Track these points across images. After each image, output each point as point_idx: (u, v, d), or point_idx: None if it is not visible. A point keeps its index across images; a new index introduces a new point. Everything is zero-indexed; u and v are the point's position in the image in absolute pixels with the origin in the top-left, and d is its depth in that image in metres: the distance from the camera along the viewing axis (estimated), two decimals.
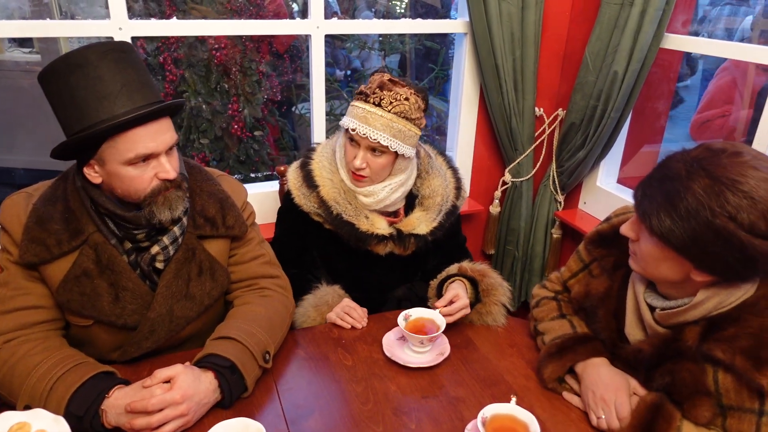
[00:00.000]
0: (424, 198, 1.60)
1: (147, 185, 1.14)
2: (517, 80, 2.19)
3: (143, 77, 1.14)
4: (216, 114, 3.12)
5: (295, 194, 1.55)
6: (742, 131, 2.32)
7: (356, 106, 1.47)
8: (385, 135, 1.43)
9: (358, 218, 1.51)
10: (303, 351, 1.37)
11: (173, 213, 1.17)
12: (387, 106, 1.43)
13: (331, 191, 1.52)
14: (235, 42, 3.07)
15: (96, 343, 1.25)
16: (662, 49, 1.95)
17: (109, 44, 1.12)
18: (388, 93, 1.44)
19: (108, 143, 1.10)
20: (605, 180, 2.35)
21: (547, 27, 2.21)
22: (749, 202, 0.88)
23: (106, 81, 1.08)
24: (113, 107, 1.07)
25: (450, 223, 1.62)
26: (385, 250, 1.55)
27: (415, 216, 1.57)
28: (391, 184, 1.53)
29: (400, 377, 1.29)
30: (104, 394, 1.06)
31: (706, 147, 0.96)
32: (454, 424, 1.15)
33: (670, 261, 1.00)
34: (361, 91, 1.48)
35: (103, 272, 1.18)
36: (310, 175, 1.54)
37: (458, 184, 1.66)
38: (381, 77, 1.48)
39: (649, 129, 2.44)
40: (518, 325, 1.51)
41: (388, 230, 1.53)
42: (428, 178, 1.60)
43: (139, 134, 1.10)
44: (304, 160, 1.59)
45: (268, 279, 1.39)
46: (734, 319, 0.99)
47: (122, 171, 1.12)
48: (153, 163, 1.14)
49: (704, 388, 1.02)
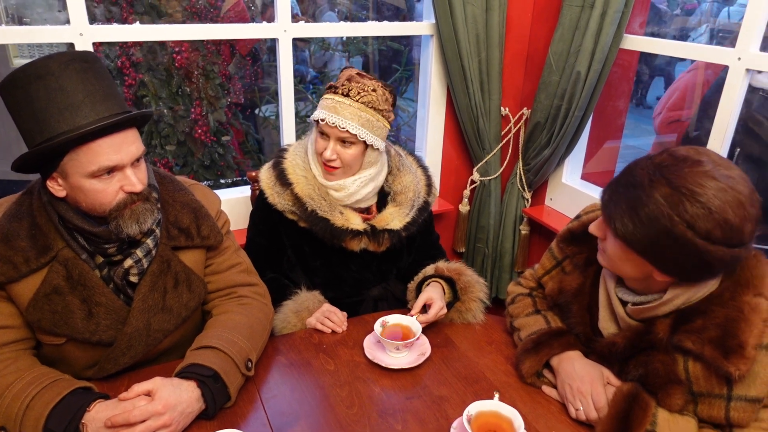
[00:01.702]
0: (396, 194, 1.62)
1: (112, 198, 1.11)
2: (483, 81, 2.23)
3: (108, 88, 1.10)
4: (178, 119, 3.05)
5: (268, 193, 1.55)
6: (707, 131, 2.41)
7: (326, 98, 1.49)
8: (354, 124, 1.46)
9: (333, 214, 1.52)
10: (284, 358, 1.36)
11: (141, 226, 1.14)
12: (355, 96, 1.46)
13: (306, 188, 1.52)
14: (196, 45, 3.01)
15: (70, 361, 1.21)
16: (622, 49, 2.02)
17: (72, 54, 1.08)
18: (356, 84, 1.48)
19: (70, 155, 1.06)
20: (570, 177, 2.42)
21: (511, 28, 2.26)
22: (706, 212, 0.92)
23: (68, 91, 1.04)
24: (75, 118, 1.04)
25: (423, 219, 1.64)
26: (360, 246, 1.56)
27: (388, 212, 1.59)
28: (361, 178, 1.54)
29: (384, 379, 1.29)
30: (84, 408, 1.03)
31: (669, 154, 1.00)
32: (440, 423, 1.17)
33: (633, 261, 1.05)
34: (330, 86, 1.51)
35: (75, 288, 1.15)
36: (283, 174, 1.54)
37: (429, 181, 1.69)
38: (349, 71, 1.51)
39: (610, 126, 2.53)
40: (495, 322, 1.54)
41: (362, 226, 1.54)
42: (399, 175, 1.63)
43: (102, 146, 1.06)
44: (277, 160, 1.59)
45: (246, 287, 1.38)
46: (702, 311, 1.05)
47: (85, 184, 1.08)
48: (118, 176, 1.11)
49: (676, 377, 1.07)
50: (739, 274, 1.04)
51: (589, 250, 1.26)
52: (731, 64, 1.69)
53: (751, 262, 1.04)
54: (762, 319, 1.00)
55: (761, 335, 0.99)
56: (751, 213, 0.94)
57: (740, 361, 0.98)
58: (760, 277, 1.04)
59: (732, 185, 0.94)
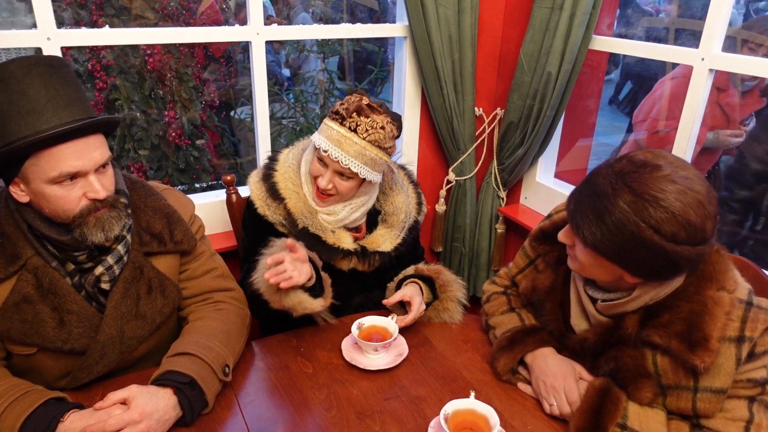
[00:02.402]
0: (388, 215, 1.60)
1: (75, 205, 1.09)
2: (457, 82, 2.25)
3: (73, 93, 1.09)
4: (152, 122, 3.02)
5: (258, 205, 1.52)
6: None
7: (331, 127, 1.43)
8: (357, 162, 1.41)
9: (325, 232, 1.49)
10: (262, 362, 1.36)
11: (107, 234, 1.12)
12: (362, 133, 1.41)
13: (297, 204, 1.49)
14: (169, 47, 2.98)
15: (41, 372, 1.20)
16: (591, 50, 2.06)
17: (36, 58, 1.06)
18: (365, 119, 1.41)
19: (31, 161, 1.04)
20: (544, 175, 2.45)
21: (483, 30, 2.28)
22: (669, 215, 0.95)
23: (30, 96, 1.03)
24: (36, 123, 1.03)
25: (412, 237, 1.63)
26: (349, 266, 1.54)
27: (379, 233, 1.57)
28: (352, 205, 1.52)
29: (362, 381, 1.30)
30: (58, 418, 1.02)
31: (628, 160, 1.02)
32: (417, 422, 1.18)
33: (604, 267, 1.08)
34: (337, 111, 1.44)
35: (45, 297, 1.13)
36: (275, 188, 1.50)
37: (419, 200, 1.67)
38: (359, 100, 1.44)
39: (581, 125, 2.57)
40: (471, 321, 1.56)
41: (353, 246, 1.52)
42: (391, 194, 1.61)
43: (63, 152, 1.05)
44: (267, 172, 1.54)
45: (223, 292, 1.37)
46: (668, 306, 1.08)
47: (47, 190, 1.07)
48: (81, 182, 1.09)
49: (645, 371, 1.10)
50: (703, 269, 1.07)
51: (561, 248, 1.28)
52: (695, 65, 1.74)
53: (713, 258, 1.08)
54: (725, 312, 1.03)
55: (724, 328, 1.03)
56: (710, 211, 0.97)
57: (705, 354, 1.01)
58: (723, 271, 1.07)
59: (690, 186, 0.97)
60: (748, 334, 1.03)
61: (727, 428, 1.05)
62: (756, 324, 1.03)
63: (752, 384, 1.05)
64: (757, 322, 1.03)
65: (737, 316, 1.04)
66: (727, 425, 1.05)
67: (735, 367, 1.03)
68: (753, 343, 1.03)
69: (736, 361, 1.03)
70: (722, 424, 1.05)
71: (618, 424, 1.10)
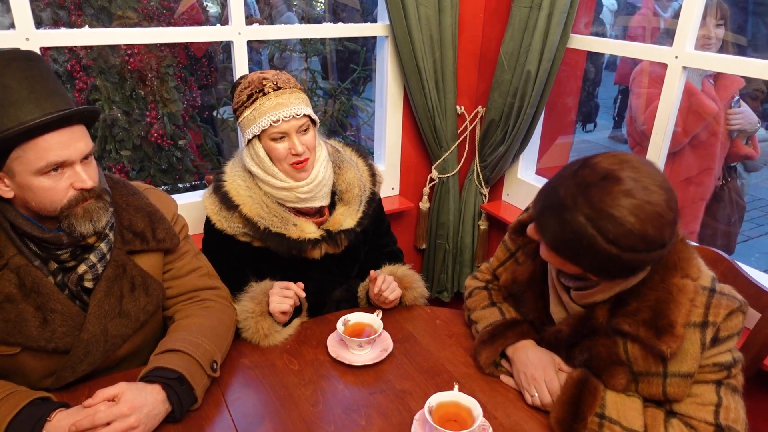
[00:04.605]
0: (343, 192, 1.61)
1: (62, 196, 1.10)
2: (438, 80, 2.27)
3: (53, 85, 1.09)
4: (133, 122, 3.00)
5: (214, 219, 1.51)
6: None
7: (261, 104, 1.45)
8: (303, 106, 1.46)
9: (287, 227, 1.50)
10: (248, 360, 1.37)
11: (95, 225, 1.13)
12: (284, 84, 1.47)
13: (253, 207, 1.49)
14: (150, 47, 2.96)
15: (24, 372, 1.19)
16: (569, 48, 2.10)
17: (13, 52, 1.07)
18: (273, 77, 1.48)
19: (16, 152, 1.05)
20: (525, 172, 2.49)
21: (463, 29, 2.31)
22: (627, 231, 0.97)
23: (12, 88, 1.03)
24: (19, 114, 1.03)
25: (372, 210, 1.65)
26: (321, 253, 1.56)
27: (338, 213, 1.59)
28: (321, 160, 1.54)
29: (347, 376, 1.32)
30: (45, 418, 1.02)
31: (591, 168, 1.02)
32: (402, 416, 1.20)
33: (567, 266, 1.10)
34: (249, 95, 1.47)
35: (28, 296, 1.13)
36: (227, 197, 1.50)
37: (372, 171, 1.68)
38: (251, 75, 1.50)
39: (560, 123, 2.62)
40: (454, 316, 1.59)
41: (318, 233, 1.54)
42: (341, 172, 1.62)
43: (49, 142, 1.05)
44: (216, 184, 1.55)
45: (209, 290, 1.38)
46: (635, 294, 1.11)
47: (34, 182, 1.07)
48: (68, 173, 1.09)
49: (618, 359, 1.14)
50: (668, 258, 1.11)
51: None
52: (669, 63, 1.78)
53: (678, 246, 1.12)
54: (689, 299, 1.07)
55: (689, 314, 1.07)
56: (668, 218, 0.99)
57: (671, 340, 1.05)
58: (687, 259, 1.11)
59: (648, 199, 0.97)
60: (712, 319, 1.07)
61: (698, 413, 1.08)
62: (719, 309, 1.07)
63: (718, 368, 1.08)
64: (719, 307, 1.07)
65: (701, 302, 1.08)
66: (698, 410, 1.09)
67: (700, 351, 1.07)
68: (716, 327, 1.07)
69: (701, 345, 1.07)
70: (693, 409, 1.09)
71: (596, 413, 1.13)
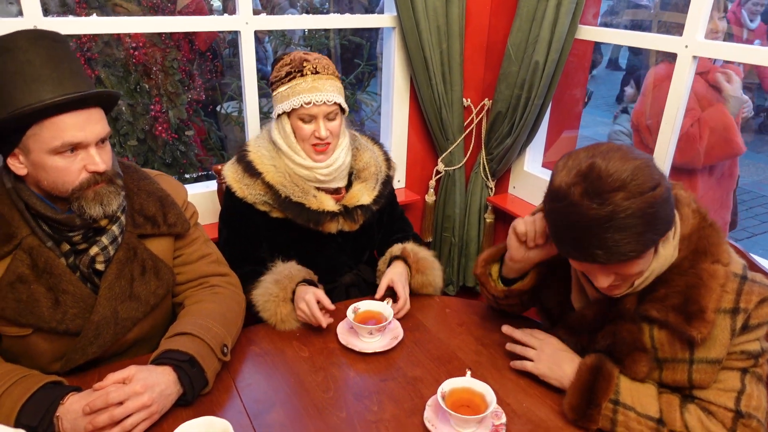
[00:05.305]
0: (360, 171, 1.65)
1: (75, 178, 1.09)
2: (445, 72, 2.26)
3: (75, 67, 1.09)
4: (138, 116, 2.99)
5: (236, 188, 1.54)
6: None
7: (297, 83, 1.48)
8: (336, 95, 1.49)
9: (307, 198, 1.53)
10: (258, 347, 1.36)
11: (105, 209, 1.12)
12: (323, 70, 1.49)
13: (276, 176, 1.53)
14: (155, 41, 2.95)
15: (34, 355, 1.18)
16: (577, 39, 2.09)
17: (41, 31, 1.07)
18: (314, 60, 1.50)
19: (33, 130, 1.05)
20: (531, 165, 2.48)
21: (470, 20, 2.30)
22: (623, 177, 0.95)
23: (36, 66, 1.03)
24: (40, 92, 1.03)
25: (388, 192, 1.69)
26: (337, 227, 1.57)
27: (355, 189, 1.62)
28: (342, 147, 1.57)
29: (358, 363, 1.31)
30: (58, 401, 1.02)
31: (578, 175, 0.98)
32: (414, 402, 1.19)
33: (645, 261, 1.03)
34: (288, 72, 1.50)
35: (41, 276, 1.12)
36: (251, 165, 1.54)
37: (386, 156, 1.74)
38: (294, 54, 1.53)
39: (567, 115, 2.60)
40: (464, 305, 1.58)
41: (336, 207, 1.56)
42: (359, 153, 1.66)
43: (66, 122, 1.05)
44: (240, 155, 1.58)
45: (218, 277, 1.38)
46: (664, 280, 1.10)
47: (48, 161, 1.06)
48: (81, 155, 1.09)
49: (642, 345, 1.13)
50: (697, 243, 1.09)
51: None
52: (679, 52, 1.78)
53: (707, 232, 1.10)
54: (720, 285, 1.06)
55: (719, 300, 1.06)
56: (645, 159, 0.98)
57: (701, 325, 1.04)
58: (716, 245, 1.10)
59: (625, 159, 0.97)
60: (743, 306, 1.05)
61: (719, 398, 1.07)
62: (750, 296, 1.06)
63: (746, 356, 1.07)
64: (751, 294, 1.06)
65: (732, 289, 1.06)
66: (719, 395, 1.08)
67: (730, 338, 1.06)
68: (747, 314, 1.05)
69: (730, 332, 1.05)
70: (714, 395, 1.08)
71: (611, 399, 1.12)
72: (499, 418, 1.14)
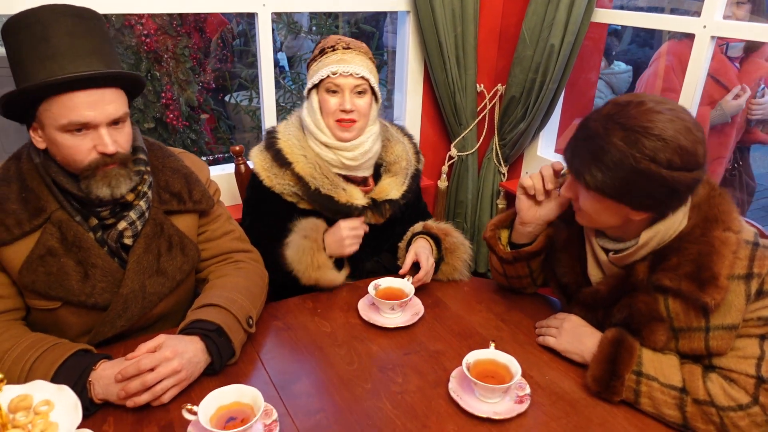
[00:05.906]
0: (390, 164, 1.63)
1: (84, 157, 1.08)
2: (459, 56, 2.27)
3: (97, 44, 1.08)
4: (149, 104, 3.00)
5: (263, 176, 1.51)
6: None
7: (328, 57, 1.50)
8: (365, 70, 1.49)
9: (337, 191, 1.51)
10: (281, 322, 1.37)
11: (114, 191, 1.11)
12: (356, 48, 1.51)
13: (306, 167, 1.50)
14: (166, 29, 2.96)
15: (63, 328, 1.20)
16: (592, 23, 2.09)
17: (66, 7, 1.06)
18: (349, 40, 1.53)
19: (44, 105, 1.05)
20: (544, 150, 2.48)
21: (484, 4, 2.30)
22: (662, 143, 0.99)
23: (52, 42, 1.03)
24: (53, 68, 1.02)
25: (416, 185, 1.67)
26: (364, 221, 1.55)
27: (385, 182, 1.60)
28: (371, 134, 1.55)
29: (380, 338, 1.32)
30: (90, 367, 1.03)
31: (614, 103, 1.07)
32: (438, 374, 1.20)
33: (610, 209, 1.10)
34: (322, 49, 1.52)
35: (70, 250, 1.13)
36: (280, 154, 1.50)
37: (416, 149, 1.72)
38: (333, 36, 1.56)
39: (581, 99, 2.60)
40: (483, 284, 1.59)
41: (364, 200, 1.55)
42: (389, 145, 1.65)
43: (75, 100, 1.04)
44: (269, 141, 1.54)
45: (242, 253, 1.38)
46: (675, 249, 1.11)
47: (58, 137, 1.06)
48: (92, 134, 1.08)
49: (658, 315, 1.13)
50: (707, 211, 1.10)
51: None
52: (697, 32, 1.77)
53: (717, 200, 1.11)
54: (732, 251, 1.06)
55: (732, 266, 1.06)
56: (699, 136, 1.01)
57: (715, 291, 1.04)
58: (727, 212, 1.10)
59: (677, 115, 1.01)
60: (757, 271, 1.06)
61: (739, 365, 1.08)
62: (764, 262, 1.06)
63: (763, 322, 1.07)
64: (764, 260, 1.06)
65: (744, 255, 1.07)
66: (739, 363, 1.08)
67: (745, 303, 1.06)
68: (761, 280, 1.06)
69: (745, 297, 1.06)
70: (734, 362, 1.08)
71: (633, 371, 1.12)
72: (523, 390, 1.15)
